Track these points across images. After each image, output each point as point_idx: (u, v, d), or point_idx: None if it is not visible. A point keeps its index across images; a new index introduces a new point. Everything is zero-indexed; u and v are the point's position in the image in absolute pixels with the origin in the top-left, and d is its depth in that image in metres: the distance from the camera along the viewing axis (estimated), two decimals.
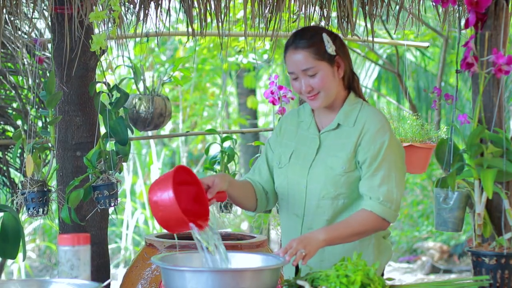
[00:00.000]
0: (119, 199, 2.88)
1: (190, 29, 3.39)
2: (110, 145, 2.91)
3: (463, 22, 2.75)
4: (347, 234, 2.65)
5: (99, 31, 2.77)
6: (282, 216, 2.89)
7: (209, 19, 3.39)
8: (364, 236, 2.72)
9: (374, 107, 2.80)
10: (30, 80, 4.80)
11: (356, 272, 2.32)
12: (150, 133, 7.63)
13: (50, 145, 2.93)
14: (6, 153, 4.94)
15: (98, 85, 3.15)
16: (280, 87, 4.45)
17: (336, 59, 2.72)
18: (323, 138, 2.79)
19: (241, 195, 2.83)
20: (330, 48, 2.70)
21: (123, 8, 3.28)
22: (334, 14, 3.31)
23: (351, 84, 2.81)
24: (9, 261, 7.03)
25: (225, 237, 3.38)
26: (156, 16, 3.39)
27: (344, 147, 2.73)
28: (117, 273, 8.27)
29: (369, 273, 2.34)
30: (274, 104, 4.46)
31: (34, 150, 2.85)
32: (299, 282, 2.42)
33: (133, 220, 8.83)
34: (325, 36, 2.71)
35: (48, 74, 4.60)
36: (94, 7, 2.79)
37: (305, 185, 2.77)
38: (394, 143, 2.73)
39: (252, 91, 10.19)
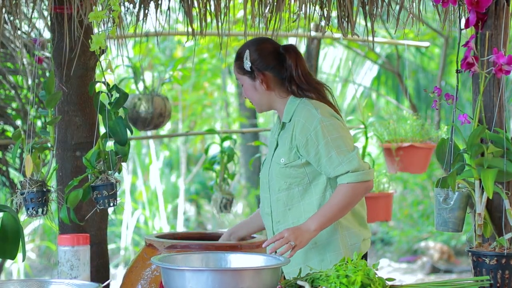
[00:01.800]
0: (118, 199, 2.87)
1: (190, 29, 3.38)
2: (110, 145, 2.90)
3: (463, 22, 2.75)
4: (335, 213, 2.82)
5: (99, 31, 2.76)
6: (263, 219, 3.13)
7: (209, 19, 3.39)
8: (353, 205, 2.87)
9: (313, 100, 2.95)
10: (29, 80, 4.80)
11: (356, 272, 2.33)
12: (149, 133, 7.63)
13: (49, 145, 2.92)
14: (5, 153, 4.94)
15: (97, 85, 3.14)
16: None
17: (256, 74, 2.97)
18: (279, 139, 3.01)
19: (260, 227, 3.19)
20: (247, 65, 2.96)
21: (122, 8, 3.28)
22: (334, 13, 3.31)
23: (291, 89, 2.99)
24: (8, 261, 7.02)
25: None
26: (156, 16, 3.39)
27: (284, 142, 2.95)
28: (117, 274, 8.27)
29: (369, 273, 2.35)
30: None
31: (33, 150, 2.84)
32: (299, 283, 2.42)
33: (132, 220, 8.83)
34: (247, 53, 2.97)
35: (47, 74, 4.60)
36: (93, 7, 2.79)
37: (267, 184, 3.01)
38: (325, 122, 2.87)
39: None
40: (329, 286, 2.34)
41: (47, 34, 4.17)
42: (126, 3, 3.31)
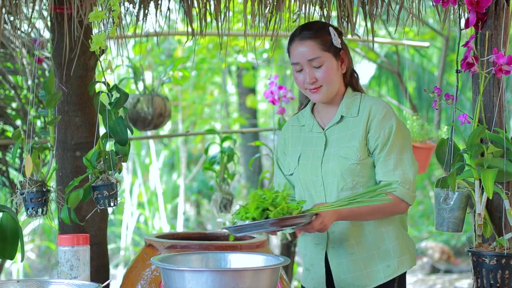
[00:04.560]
0: (119, 199, 2.87)
1: (189, 29, 3.38)
2: (110, 145, 2.90)
3: (463, 22, 2.75)
4: (365, 211, 2.69)
5: (99, 31, 2.76)
6: None
7: (208, 19, 3.39)
8: (381, 215, 2.75)
9: (374, 96, 2.88)
10: (29, 80, 4.79)
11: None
12: (149, 133, 7.63)
13: (49, 145, 2.92)
14: (5, 153, 4.94)
15: (97, 85, 3.14)
16: (280, 87, 4.46)
17: (341, 54, 2.80)
18: (329, 134, 2.84)
19: None
20: (336, 41, 2.77)
21: (122, 8, 3.28)
22: (334, 13, 3.31)
23: (350, 81, 2.87)
24: (8, 261, 7.03)
25: (224, 237, 3.37)
26: (156, 16, 3.38)
27: (354, 136, 2.78)
28: (117, 274, 8.27)
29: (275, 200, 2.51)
30: (274, 104, 4.46)
31: (33, 150, 2.84)
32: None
33: (132, 220, 8.83)
34: (331, 30, 2.79)
35: (47, 74, 4.60)
36: (93, 7, 2.79)
37: (321, 182, 2.81)
38: (401, 126, 2.79)
39: (252, 90, 10.19)
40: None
41: (47, 34, 4.17)
42: (126, 3, 3.31)
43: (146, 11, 3.33)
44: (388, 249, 2.80)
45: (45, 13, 3.94)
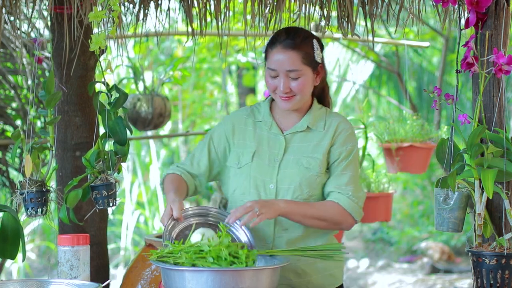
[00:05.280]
0: (118, 199, 2.87)
1: (190, 29, 3.38)
2: (109, 145, 2.90)
3: (463, 22, 2.74)
4: (309, 214, 2.70)
5: (99, 31, 2.76)
6: None
7: (208, 19, 3.39)
8: (324, 224, 2.75)
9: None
10: (29, 80, 4.80)
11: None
12: (149, 133, 7.63)
13: (49, 145, 2.92)
14: (5, 153, 4.94)
15: (97, 85, 3.14)
16: None
17: (318, 68, 2.78)
18: (289, 139, 2.82)
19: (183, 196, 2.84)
20: (318, 56, 2.76)
21: (122, 8, 3.28)
22: (334, 13, 3.31)
23: (318, 93, 2.88)
24: (8, 261, 7.02)
25: None
26: (156, 16, 3.38)
27: (318, 149, 2.78)
28: (117, 274, 8.27)
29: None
30: None
31: (33, 150, 2.84)
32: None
33: (132, 220, 8.83)
34: (315, 43, 2.76)
35: (47, 74, 4.60)
36: (93, 7, 2.78)
37: (274, 185, 2.78)
38: (358, 152, 2.87)
39: (252, 90, 10.19)
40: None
41: (47, 34, 4.17)
42: (126, 3, 3.31)
43: (146, 11, 3.33)
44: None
45: (45, 13, 3.94)
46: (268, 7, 3.28)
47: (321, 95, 2.89)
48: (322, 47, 2.81)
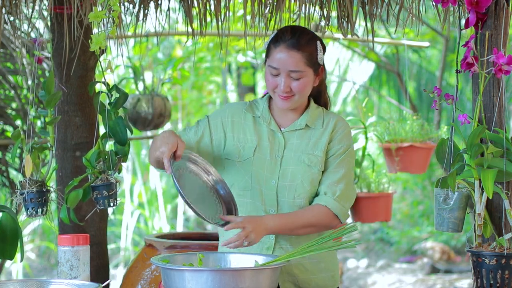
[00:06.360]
0: (118, 199, 2.87)
1: (189, 29, 3.38)
2: (109, 146, 2.90)
3: (463, 22, 2.74)
4: (298, 225, 2.70)
5: (99, 31, 2.76)
6: (247, 211, 2.79)
7: (208, 19, 3.39)
8: (314, 229, 2.75)
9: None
10: (29, 80, 4.80)
11: None
12: (149, 133, 7.62)
13: (49, 145, 2.92)
14: (5, 153, 4.94)
15: (97, 85, 3.14)
16: None
17: (319, 69, 2.78)
18: (287, 137, 2.82)
19: None
20: (320, 58, 2.76)
21: (122, 8, 3.28)
22: (334, 13, 3.31)
23: (315, 94, 2.87)
24: (8, 262, 7.02)
25: None
26: (156, 16, 3.39)
27: (318, 146, 2.79)
28: (117, 274, 8.27)
29: None
30: None
31: (33, 150, 2.84)
32: None
33: (132, 220, 8.83)
34: (319, 45, 2.76)
35: (47, 74, 4.60)
36: (93, 7, 2.79)
37: (276, 181, 2.77)
38: (353, 152, 2.87)
39: (251, 89, 10.19)
40: None
41: (47, 34, 4.17)
42: (126, 3, 3.31)
43: (146, 11, 3.33)
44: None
45: (45, 13, 3.94)
46: (268, 7, 3.28)
47: (318, 96, 2.89)
48: (324, 49, 2.80)
